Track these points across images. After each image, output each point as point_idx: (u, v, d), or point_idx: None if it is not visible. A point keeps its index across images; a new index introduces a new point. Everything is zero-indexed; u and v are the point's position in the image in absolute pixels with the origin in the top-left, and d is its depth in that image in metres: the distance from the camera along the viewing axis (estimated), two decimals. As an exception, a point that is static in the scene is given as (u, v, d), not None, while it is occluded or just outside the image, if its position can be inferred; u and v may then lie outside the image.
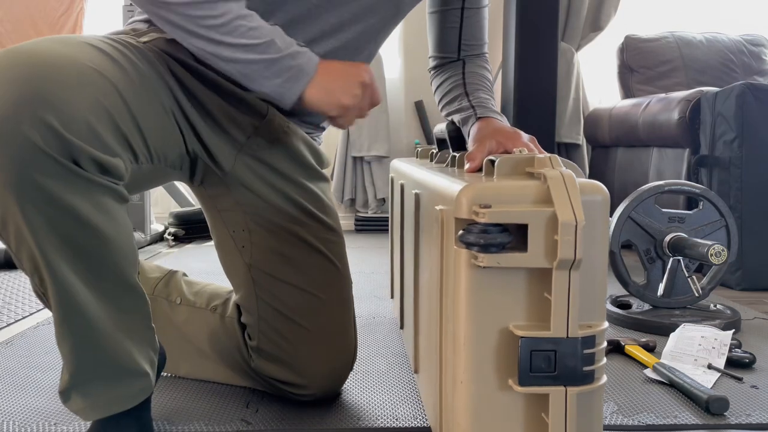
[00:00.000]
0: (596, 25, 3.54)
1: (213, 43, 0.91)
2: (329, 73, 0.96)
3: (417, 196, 1.10)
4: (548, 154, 0.80)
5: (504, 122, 1.16)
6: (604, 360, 0.77)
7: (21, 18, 3.42)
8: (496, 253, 0.71)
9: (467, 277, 0.74)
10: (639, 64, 3.38)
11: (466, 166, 0.98)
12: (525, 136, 1.05)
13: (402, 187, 1.38)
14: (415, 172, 1.19)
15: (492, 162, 0.84)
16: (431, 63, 1.36)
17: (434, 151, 1.37)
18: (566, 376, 0.73)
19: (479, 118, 1.15)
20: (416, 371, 1.18)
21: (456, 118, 1.22)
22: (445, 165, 1.21)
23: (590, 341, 0.74)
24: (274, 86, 0.93)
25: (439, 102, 1.31)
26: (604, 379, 0.77)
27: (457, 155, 1.11)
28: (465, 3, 1.25)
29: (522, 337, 0.73)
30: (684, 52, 3.34)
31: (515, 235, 0.72)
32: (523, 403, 0.76)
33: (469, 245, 0.73)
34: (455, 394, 0.78)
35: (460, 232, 0.73)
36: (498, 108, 1.26)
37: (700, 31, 3.45)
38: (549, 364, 0.73)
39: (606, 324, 0.78)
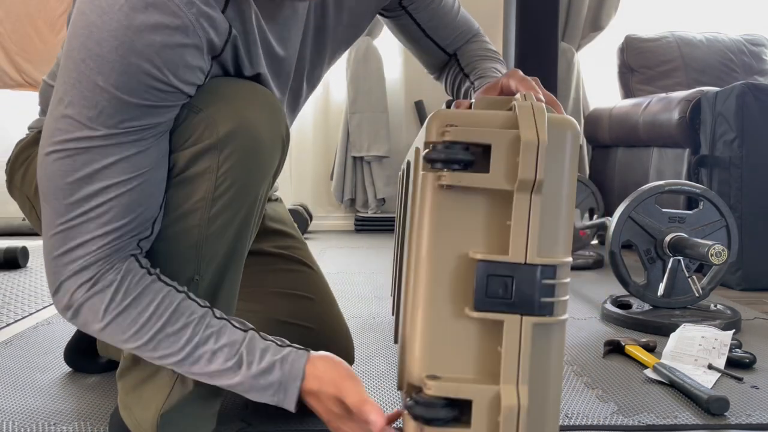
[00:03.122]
0: (596, 24, 3.54)
1: (188, 372, 0.83)
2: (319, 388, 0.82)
3: (408, 163, 1.09)
4: (528, 92, 0.80)
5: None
6: (567, 297, 0.75)
7: (21, 18, 3.42)
8: (457, 171, 0.72)
9: (431, 199, 0.74)
10: (639, 64, 3.37)
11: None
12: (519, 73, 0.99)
13: (405, 170, 1.36)
14: (412, 146, 1.18)
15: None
16: (432, 76, 1.29)
17: None
18: (522, 303, 0.72)
19: (477, 89, 1.10)
20: (396, 342, 1.17)
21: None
22: None
23: (550, 271, 0.73)
24: (267, 400, 0.83)
25: (456, 95, 1.24)
26: (566, 316, 0.75)
27: None
28: (408, 8, 1.13)
29: (480, 260, 0.72)
30: (684, 52, 3.34)
31: (480, 160, 0.73)
32: (478, 331, 0.74)
33: (432, 162, 0.73)
34: (412, 320, 0.76)
35: (425, 151, 0.74)
36: None
37: (700, 31, 3.45)
38: (505, 291, 0.72)
39: (569, 259, 0.75)
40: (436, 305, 0.75)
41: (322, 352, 0.84)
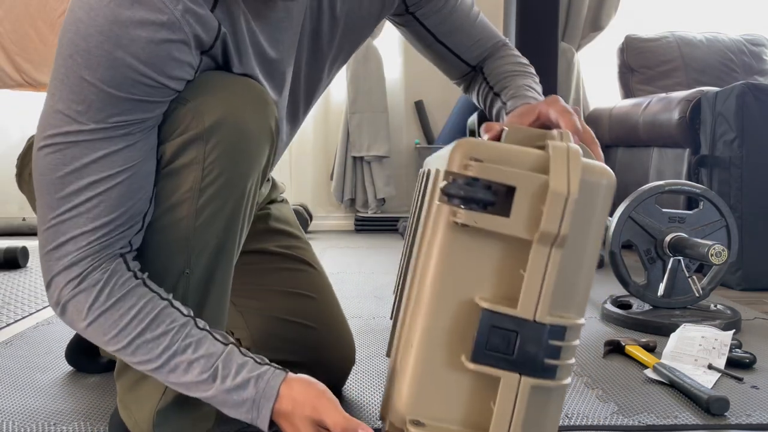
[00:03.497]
0: (596, 24, 3.54)
1: (166, 381, 0.82)
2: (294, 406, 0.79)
3: (428, 172, 1.07)
4: (566, 130, 0.75)
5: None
6: (573, 360, 0.70)
7: (21, 18, 3.42)
8: (475, 211, 0.66)
9: (443, 235, 0.69)
10: (639, 64, 3.38)
11: (485, 137, 0.86)
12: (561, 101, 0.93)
13: (426, 174, 1.34)
14: (436, 155, 1.16)
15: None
16: (460, 89, 1.24)
17: None
18: (524, 363, 0.67)
19: (508, 113, 1.04)
20: (388, 355, 1.15)
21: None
22: None
23: (559, 332, 0.67)
24: (241, 417, 0.80)
25: (488, 114, 1.19)
26: (568, 380, 0.70)
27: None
28: (416, 14, 1.09)
29: (484, 309, 0.67)
30: (684, 52, 3.34)
31: (502, 202, 0.67)
32: (471, 383, 0.69)
33: (450, 197, 0.67)
34: (404, 358, 0.72)
35: (443, 182, 0.69)
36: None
37: (700, 31, 3.45)
38: (508, 346, 0.67)
39: (582, 321, 0.70)
40: (431, 347, 0.70)
41: (300, 375, 0.82)
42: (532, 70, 1.13)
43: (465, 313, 0.69)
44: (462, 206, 0.67)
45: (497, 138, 0.83)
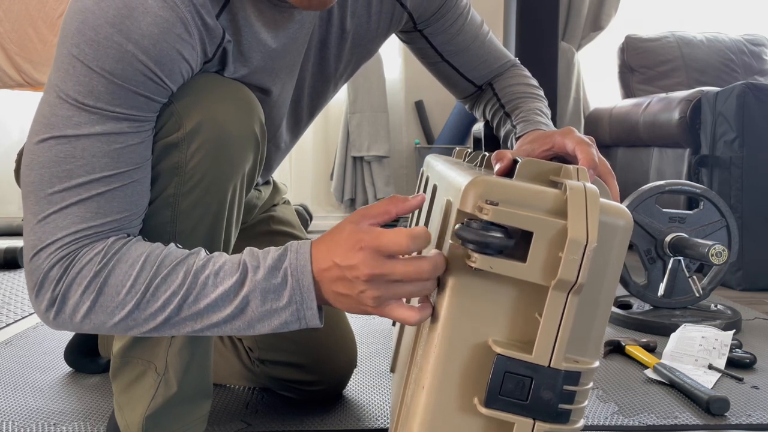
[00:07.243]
0: (597, 24, 3.54)
1: (191, 320, 0.74)
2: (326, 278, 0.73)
3: (435, 187, 1.07)
4: (580, 167, 0.73)
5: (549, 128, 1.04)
6: (586, 403, 0.70)
7: (20, 17, 3.42)
8: (491, 256, 0.65)
9: (455, 277, 0.68)
10: (639, 64, 3.37)
11: (496, 167, 0.85)
12: (576, 133, 0.93)
13: (427, 180, 1.35)
14: (441, 167, 1.17)
15: (516, 162, 0.77)
16: (464, 104, 1.24)
17: (468, 151, 1.35)
18: (538, 408, 0.66)
19: (518, 137, 1.04)
20: (392, 371, 1.17)
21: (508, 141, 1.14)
22: (474, 165, 1.19)
23: (574, 378, 0.67)
24: (285, 316, 0.74)
25: (495, 131, 1.20)
26: (581, 424, 0.70)
27: (487, 155, 1.08)
28: (424, 32, 1.08)
29: (499, 354, 0.66)
30: (684, 52, 3.34)
31: (517, 245, 0.66)
32: (483, 428, 0.69)
33: (464, 241, 0.66)
34: (414, 399, 0.71)
35: (458, 225, 0.67)
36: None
37: (700, 31, 3.45)
38: (522, 391, 0.66)
39: (597, 364, 0.70)
40: (443, 389, 0.69)
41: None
42: (542, 93, 1.13)
43: (478, 356, 0.68)
44: (477, 251, 0.65)
45: (509, 168, 0.82)
